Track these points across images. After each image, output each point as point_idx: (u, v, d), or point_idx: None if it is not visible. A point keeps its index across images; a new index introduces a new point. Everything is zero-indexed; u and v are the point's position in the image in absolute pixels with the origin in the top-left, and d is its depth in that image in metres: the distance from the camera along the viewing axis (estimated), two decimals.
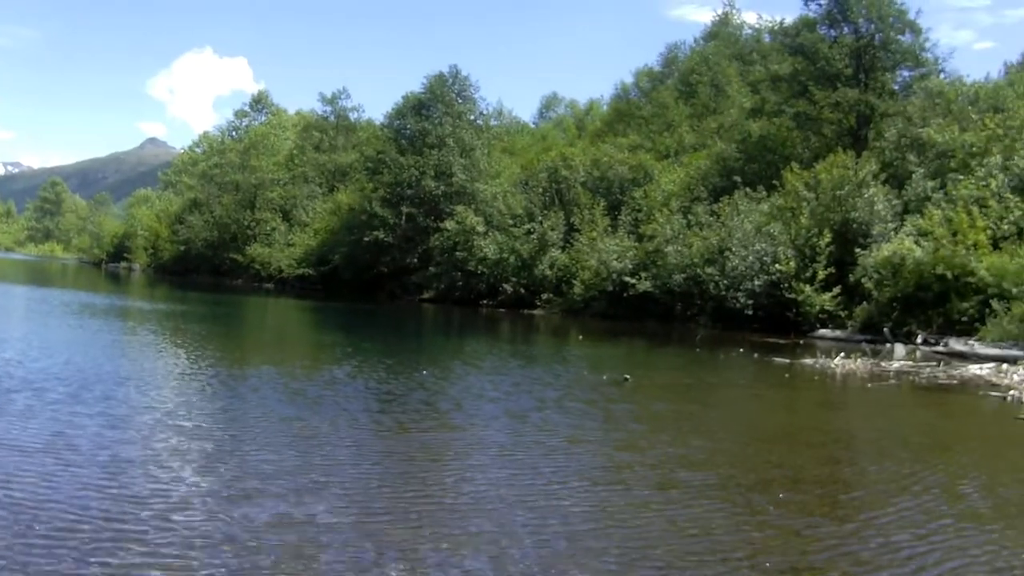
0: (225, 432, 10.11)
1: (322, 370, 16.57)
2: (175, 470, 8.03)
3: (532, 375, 18.33)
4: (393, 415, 12.07)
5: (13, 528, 6.18)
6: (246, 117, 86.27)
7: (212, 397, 12.69)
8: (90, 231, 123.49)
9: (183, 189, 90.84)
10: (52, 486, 7.19)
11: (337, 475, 8.37)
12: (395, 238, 56.15)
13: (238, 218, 73.46)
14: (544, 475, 8.91)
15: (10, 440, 8.69)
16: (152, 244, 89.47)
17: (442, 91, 58.21)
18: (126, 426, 9.83)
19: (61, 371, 13.44)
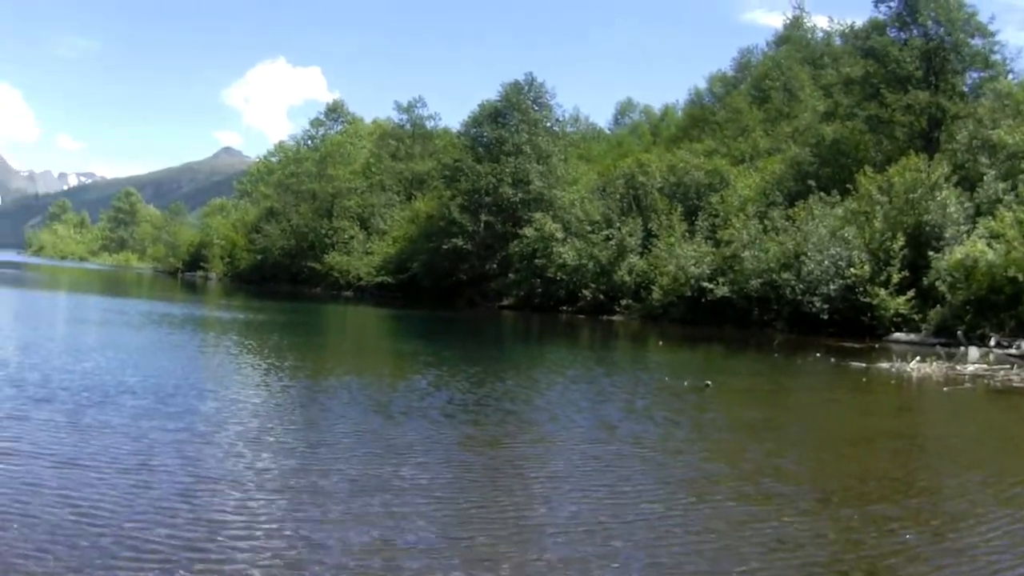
0: (308, 447, 10.29)
1: (405, 380, 16.97)
2: (257, 489, 8.09)
3: (616, 383, 19.10)
4: (480, 426, 12.37)
5: (95, 550, 6.16)
6: (322, 126, 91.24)
7: (293, 409, 13.06)
8: (165, 240, 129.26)
9: (259, 198, 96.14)
10: (131, 505, 7.22)
11: (424, 492, 8.43)
12: (474, 245, 60.08)
13: (315, 227, 78.14)
14: (636, 489, 9.10)
15: (88, 456, 8.76)
16: (229, 253, 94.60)
17: (518, 99, 61.86)
18: (207, 442, 9.95)
19: (140, 383, 13.71)
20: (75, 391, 12.41)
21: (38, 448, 8.94)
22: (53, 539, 6.30)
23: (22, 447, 8.87)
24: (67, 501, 7.14)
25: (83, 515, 6.80)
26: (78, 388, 12.66)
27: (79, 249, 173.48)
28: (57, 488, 7.51)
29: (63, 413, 10.75)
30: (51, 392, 12.26)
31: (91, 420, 10.53)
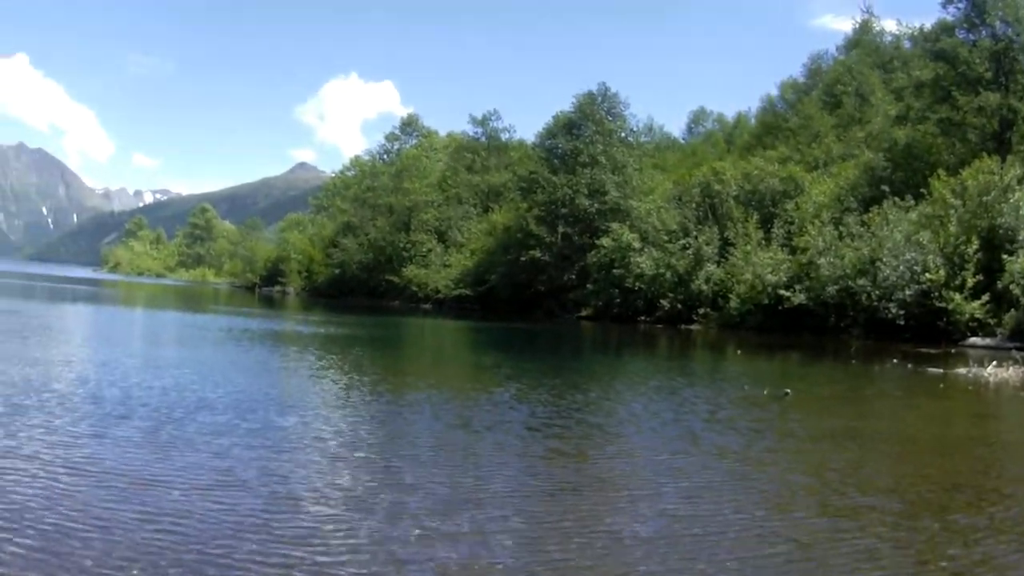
0: (391, 463, 10.31)
1: (486, 393, 17.06)
2: (341, 506, 8.10)
3: (697, 393, 19.49)
4: (564, 439, 12.46)
5: (179, 568, 6.27)
6: (397, 140, 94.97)
7: (376, 424, 13.13)
8: (242, 255, 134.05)
9: (336, 213, 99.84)
10: (213, 523, 7.23)
11: (511, 508, 8.43)
12: (551, 256, 62.78)
13: (393, 240, 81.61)
14: (721, 501, 9.15)
15: (169, 473, 8.80)
16: (306, 267, 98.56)
17: (592, 109, 64.50)
18: (287, 458, 9.97)
19: (220, 399, 13.85)
20: (155, 407, 12.57)
21: (118, 466, 8.96)
22: (135, 557, 6.34)
23: (102, 465, 8.90)
24: (148, 519, 7.18)
25: (165, 533, 6.85)
26: (158, 404, 12.83)
27: (155, 265, 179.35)
28: (138, 506, 7.53)
29: (142, 430, 10.85)
30: (130, 409, 12.34)
31: (171, 437, 10.60)
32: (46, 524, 6.82)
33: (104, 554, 6.36)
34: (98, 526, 6.91)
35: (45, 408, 11.86)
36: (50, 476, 8.28)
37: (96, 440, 10.14)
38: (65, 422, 11.00)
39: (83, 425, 10.90)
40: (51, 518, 6.99)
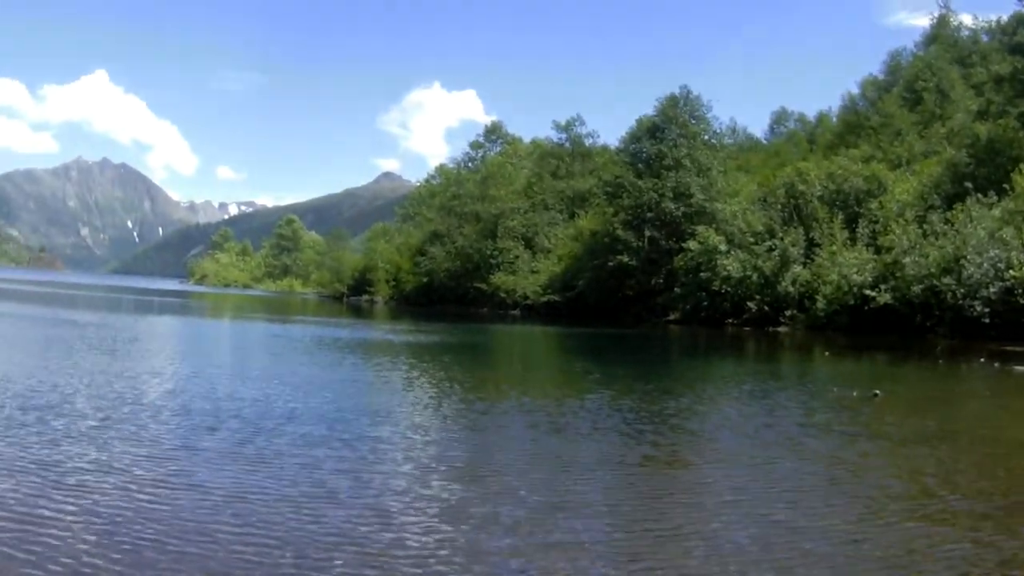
0: (484, 472, 10.34)
1: (579, 399, 17.19)
2: (435, 517, 8.09)
3: (788, 396, 19.77)
4: (658, 445, 12.55)
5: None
6: (481, 148, 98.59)
7: (467, 433, 13.28)
8: (329, 265, 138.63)
9: (422, 221, 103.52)
10: (305, 537, 7.27)
11: (608, 517, 8.51)
12: (638, 261, 65.31)
13: (480, 247, 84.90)
14: (818, 508, 9.16)
15: (261, 486, 8.83)
16: (394, 276, 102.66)
17: (674, 112, 66.95)
18: (378, 469, 10.05)
19: (310, 409, 13.99)
20: (245, 419, 12.69)
21: (210, 479, 9.04)
22: (228, 571, 6.45)
23: (194, 478, 8.99)
24: (240, 533, 7.24)
25: (258, 547, 6.89)
26: (248, 416, 12.96)
27: (242, 277, 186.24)
28: (230, 519, 7.59)
29: (232, 442, 10.95)
30: (220, 420, 12.48)
31: (261, 449, 10.69)
32: (140, 538, 6.90)
33: (198, 568, 6.46)
34: (191, 540, 6.95)
35: (136, 421, 12.04)
36: (142, 489, 8.36)
37: (187, 453, 10.27)
38: (156, 434, 11.21)
39: (174, 437, 11.09)
40: (145, 532, 7.06)
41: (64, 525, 6.98)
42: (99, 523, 7.17)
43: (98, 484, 8.40)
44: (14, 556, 6.29)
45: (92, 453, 9.71)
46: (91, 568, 6.27)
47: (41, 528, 6.88)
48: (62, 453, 9.65)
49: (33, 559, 6.28)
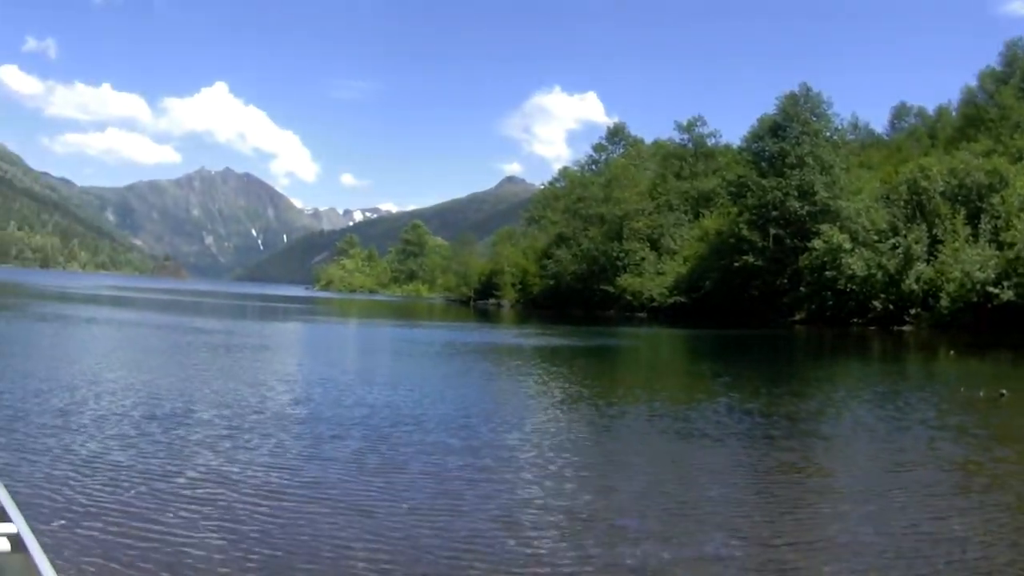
0: (612, 480, 10.21)
1: (709, 402, 17.09)
2: (561, 528, 8.02)
3: (919, 397, 19.75)
4: (790, 450, 12.44)
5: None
6: (604, 151, 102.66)
7: (595, 439, 13.17)
8: (455, 270, 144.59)
9: (547, 224, 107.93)
10: (434, 548, 7.23)
11: (739, 528, 8.28)
12: (764, 261, 68.59)
13: (606, 250, 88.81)
14: (955, 519, 8.85)
15: (389, 496, 8.83)
16: (520, 280, 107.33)
17: (795, 110, 70.02)
18: (506, 477, 9.98)
19: (437, 416, 14.03)
20: (372, 427, 12.71)
21: (335, 490, 8.98)
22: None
23: (319, 490, 8.90)
24: (370, 544, 7.19)
25: (386, 559, 6.89)
26: (375, 423, 13.02)
27: (368, 282, 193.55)
28: (358, 531, 7.56)
29: (359, 451, 10.90)
30: (346, 429, 12.48)
31: (388, 457, 10.67)
32: (270, 550, 6.87)
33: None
34: (320, 553, 6.89)
35: (263, 430, 12.08)
36: (270, 500, 8.33)
37: (314, 462, 10.21)
38: (283, 443, 11.19)
39: (300, 446, 11.07)
40: (273, 543, 7.03)
41: (191, 536, 6.97)
42: (226, 535, 7.13)
43: (225, 494, 8.41)
44: (143, 568, 6.31)
45: (219, 463, 9.79)
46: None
47: (168, 539, 6.87)
48: (189, 463, 9.76)
49: (163, 571, 6.29)
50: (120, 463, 9.37)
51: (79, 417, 11.94)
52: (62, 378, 15.94)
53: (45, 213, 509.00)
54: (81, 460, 9.37)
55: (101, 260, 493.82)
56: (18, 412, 11.95)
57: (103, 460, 9.46)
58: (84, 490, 8.13)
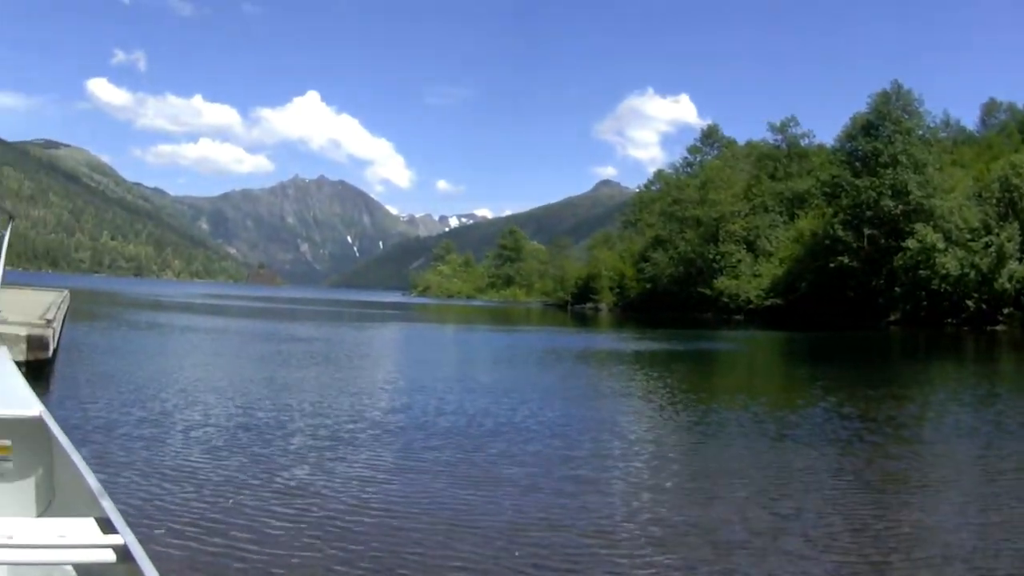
0: (716, 494, 9.67)
1: (808, 407, 16.82)
2: (664, 545, 7.57)
3: (1017, 399, 19.72)
4: (894, 458, 12.13)
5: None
6: (699, 152, 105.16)
7: (697, 446, 13.00)
8: (552, 274, 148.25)
9: (644, 227, 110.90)
10: (537, 568, 6.85)
11: (849, 543, 7.79)
12: (859, 262, 70.70)
13: (702, 252, 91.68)
14: None
15: (487, 512, 8.50)
16: (618, 283, 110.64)
17: (887, 109, 72.27)
18: (602, 489, 9.66)
19: (535, 424, 13.82)
20: (470, 436, 12.56)
21: (432, 502, 8.75)
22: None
23: (417, 503, 8.68)
24: (468, 563, 6.88)
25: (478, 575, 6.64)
26: (473, 432, 12.85)
27: (465, 287, 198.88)
28: (455, 547, 7.23)
29: (457, 462, 10.71)
30: (445, 439, 12.28)
31: (487, 469, 10.44)
32: (367, 563, 6.75)
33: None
34: (419, 564, 6.77)
35: (360, 440, 11.93)
36: (367, 513, 8.18)
37: (411, 474, 10.02)
38: (380, 454, 11.01)
39: (398, 457, 10.88)
40: (373, 558, 6.88)
41: (291, 548, 6.90)
42: (326, 546, 7.03)
43: (324, 505, 8.28)
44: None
45: (317, 473, 9.70)
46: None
47: (268, 550, 6.79)
48: (286, 473, 9.64)
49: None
50: (218, 472, 9.41)
51: (176, 427, 12.05)
52: (159, 387, 16.09)
53: (138, 223, 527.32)
54: (179, 470, 9.42)
55: (195, 268, 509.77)
56: (116, 422, 11.99)
57: (201, 470, 9.52)
58: (183, 500, 8.15)
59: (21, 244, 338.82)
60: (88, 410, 12.61)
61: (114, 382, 16.19)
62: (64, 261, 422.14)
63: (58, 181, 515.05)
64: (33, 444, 5.53)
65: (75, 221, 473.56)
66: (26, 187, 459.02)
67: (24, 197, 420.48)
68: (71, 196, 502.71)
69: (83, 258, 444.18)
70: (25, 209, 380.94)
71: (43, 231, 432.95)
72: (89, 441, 10.25)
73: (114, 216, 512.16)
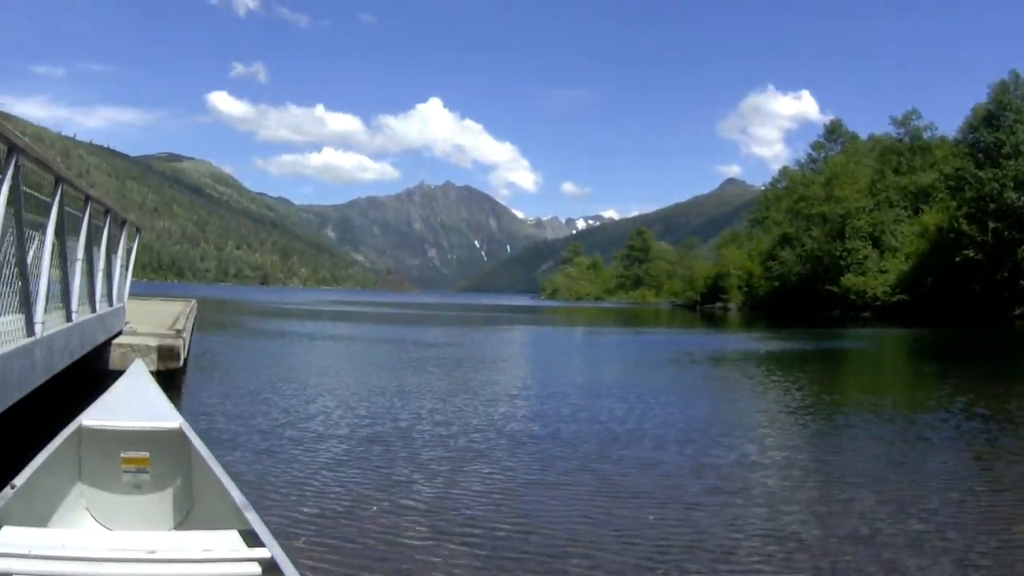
0: (850, 508, 8.51)
1: (940, 409, 15.97)
2: (793, 566, 6.77)
3: None
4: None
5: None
6: (822, 148, 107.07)
7: (829, 451, 12.14)
8: (681, 274, 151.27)
9: (770, 226, 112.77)
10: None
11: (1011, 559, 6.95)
12: (984, 255, 71.93)
13: (828, 249, 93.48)
14: None
15: (621, 527, 7.76)
16: (746, 282, 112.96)
17: (1007, 98, 73.58)
18: (737, 501, 8.80)
19: (664, 430, 13.20)
20: (600, 443, 11.85)
21: (565, 520, 7.88)
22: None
23: (548, 523, 7.78)
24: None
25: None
26: (603, 438, 12.31)
27: (594, 289, 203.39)
28: (589, 557, 6.70)
29: (583, 472, 9.99)
30: (577, 449, 11.48)
31: (619, 482, 9.65)
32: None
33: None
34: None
35: (492, 447, 11.48)
36: (506, 522, 7.62)
37: (549, 487, 9.27)
38: (513, 466, 10.40)
39: (531, 465, 10.34)
40: (512, 567, 6.43)
41: (438, 556, 6.54)
42: (466, 554, 6.64)
43: (465, 513, 7.93)
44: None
45: (449, 485, 9.21)
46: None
47: (412, 559, 6.47)
48: (422, 481, 9.31)
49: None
50: (352, 483, 9.01)
51: (308, 436, 11.68)
52: (289, 396, 15.82)
53: (263, 232, 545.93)
54: (313, 481, 9.07)
55: (322, 276, 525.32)
56: (248, 432, 11.72)
57: (338, 478, 9.21)
58: (320, 512, 7.73)
59: (147, 255, 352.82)
60: (218, 420, 12.58)
61: (244, 391, 16.17)
62: (189, 271, 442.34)
63: (182, 193, 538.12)
64: (172, 456, 5.70)
65: (200, 232, 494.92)
66: (150, 200, 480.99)
67: (148, 210, 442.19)
68: (195, 207, 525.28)
69: (208, 268, 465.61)
70: (150, 221, 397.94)
71: (168, 242, 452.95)
72: (220, 452, 9.20)
73: (239, 226, 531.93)
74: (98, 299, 12.47)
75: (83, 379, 11.19)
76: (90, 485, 5.60)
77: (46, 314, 8.10)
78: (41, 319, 7.79)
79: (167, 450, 5.70)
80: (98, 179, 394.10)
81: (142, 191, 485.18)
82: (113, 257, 14.62)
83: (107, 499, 5.60)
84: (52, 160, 7.89)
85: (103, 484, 5.61)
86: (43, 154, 7.33)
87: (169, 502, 5.66)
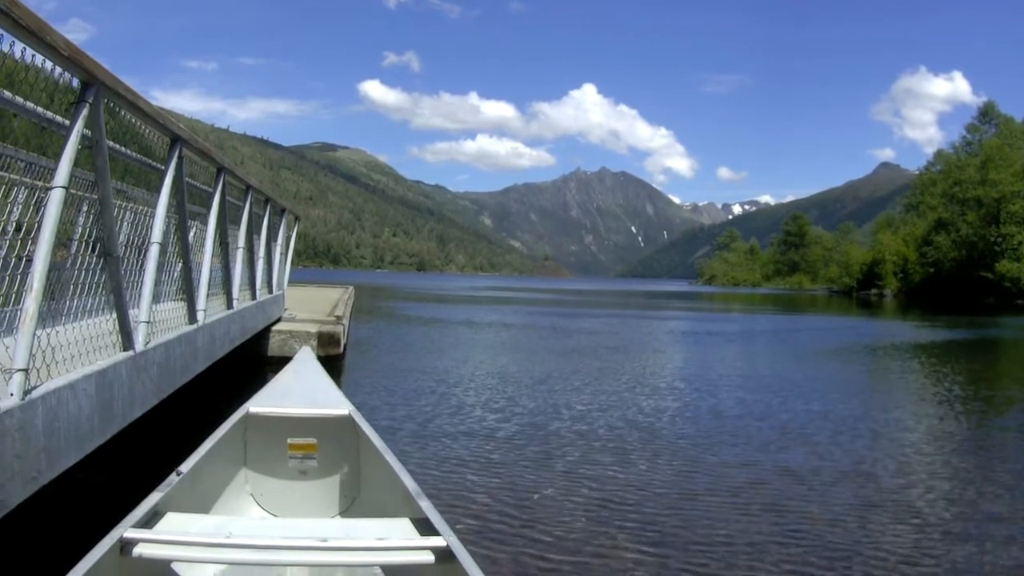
0: (993, 529, 7.28)
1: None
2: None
3: None
4: None
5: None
6: (977, 131, 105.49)
7: (964, 455, 10.78)
8: (837, 260, 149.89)
9: (925, 210, 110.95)
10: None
11: None
12: None
13: (983, 234, 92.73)
14: None
15: (773, 530, 7.05)
16: (901, 268, 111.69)
17: None
18: (876, 514, 7.73)
19: (814, 426, 12.36)
20: (755, 443, 10.95)
21: (726, 525, 7.25)
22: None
23: (704, 524, 7.31)
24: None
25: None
26: (760, 438, 11.36)
27: (751, 275, 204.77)
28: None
29: (737, 475, 9.14)
30: (725, 448, 10.53)
31: (769, 490, 8.52)
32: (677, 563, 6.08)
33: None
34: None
35: (646, 440, 10.95)
36: (641, 540, 6.77)
37: (695, 499, 8.21)
38: (657, 459, 9.84)
39: (682, 461, 9.78)
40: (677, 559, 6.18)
41: (603, 546, 6.35)
42: (640, 543, 6.44)
43: (629, 511, 7.45)
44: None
45: (616, 476, 8.84)
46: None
47: (582, 548, 6.31)
48: (582, 470, 8.98)
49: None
50: (518, 471, 8.84)
51: (472, 423, 11.53)
52: (450, 382, 15.81)
53: (420, 219, 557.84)
54: (479, 467, 8.98)
55: (479, 262, 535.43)
56: (410, 418, 11.64)
57: (497, 464, 9.16)
58: (490, 499, 7.66)
59: (302, 242, 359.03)
60: (381, 408, 12.31)
61: (405, 376, 15.98)
62: (345, 258, 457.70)
63: (337, 182, 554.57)
64: (339, 443, 5.73)
65: (355, 219, 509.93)
66: (304, 188, 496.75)
67: (303, 198, 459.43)
68: (351, 196, 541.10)
69: (364, 255, 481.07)
70: (305, 210, 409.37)
71: (323, 230, 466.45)
72: (383, 438, 7.41)
73: (395, 213, 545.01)
74: (258, 287, 12.78)
75: (243, 365, 12.24)
76: (255, 471, 5.71)
77: (208, 301, 8.44)
78: (204, 307, 8.16)
79: (335, 437, 5.76)
80: (252, 169, 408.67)
81: (296, 180, 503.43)
82: (273, 245, 14.95)
83: (272, 485, 5.69)
84: (214, 151, 8.30)
85: (268, 470, 5.71)
86: (205, 145, 7.60)
87: (335, 489, 5.70)
